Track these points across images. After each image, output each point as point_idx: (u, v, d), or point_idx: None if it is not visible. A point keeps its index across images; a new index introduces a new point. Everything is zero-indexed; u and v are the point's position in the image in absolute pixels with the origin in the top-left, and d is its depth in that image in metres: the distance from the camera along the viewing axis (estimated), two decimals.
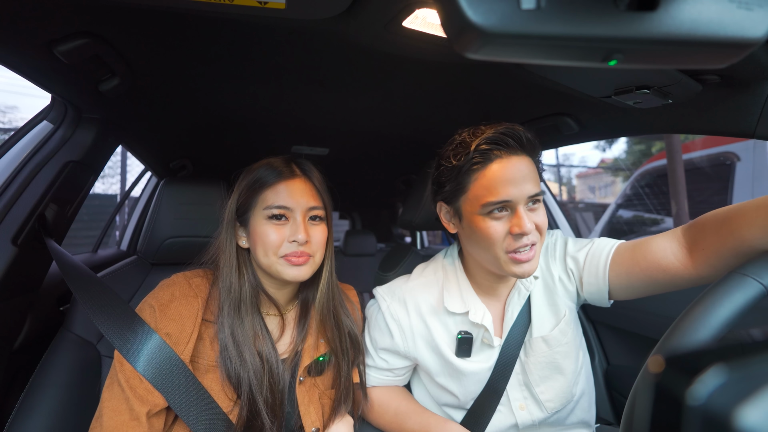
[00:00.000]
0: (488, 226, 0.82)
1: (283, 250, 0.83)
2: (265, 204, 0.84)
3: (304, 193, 0.86)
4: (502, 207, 0.82)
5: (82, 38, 0.75)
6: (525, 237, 0.80)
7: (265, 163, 0.89)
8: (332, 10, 0.67)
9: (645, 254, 0.83)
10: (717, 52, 0.29)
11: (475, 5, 0.25)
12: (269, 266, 0.85)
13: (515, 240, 0.81)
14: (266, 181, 0.86)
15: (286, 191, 0.85)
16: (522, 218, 0.80)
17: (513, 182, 0.80)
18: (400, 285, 1.03)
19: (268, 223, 0.84)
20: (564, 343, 0.93)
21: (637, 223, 5.22)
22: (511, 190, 0.80)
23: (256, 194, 0.86)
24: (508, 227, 0.81)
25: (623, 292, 0.89)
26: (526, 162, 0.83)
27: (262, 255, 0.84)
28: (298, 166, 0.90)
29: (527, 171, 0.82)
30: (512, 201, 0.81)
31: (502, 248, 0.82)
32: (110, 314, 0.82)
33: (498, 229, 0.82)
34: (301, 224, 0.84)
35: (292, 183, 0.86)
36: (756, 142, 3.33)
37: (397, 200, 3.47)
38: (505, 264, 0.83)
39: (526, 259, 0.82)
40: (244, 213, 0.87)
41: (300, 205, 0.85)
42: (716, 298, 0.54)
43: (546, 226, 0.85)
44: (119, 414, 0.74)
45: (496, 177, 0.81)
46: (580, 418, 0.98)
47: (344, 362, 0.94)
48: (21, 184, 0.96)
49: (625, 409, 0.50)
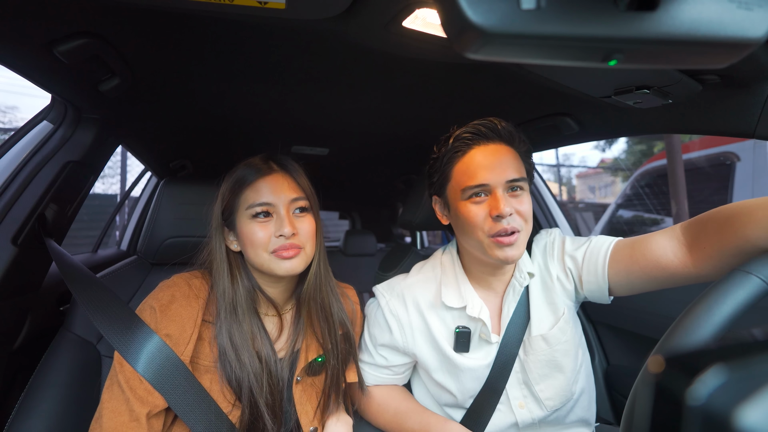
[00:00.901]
0: (469, 210, 0.87)
1: (272, 245, 0.84)
2: (247, 203, 0.85)
3: (284, 187, 0.87)
4: (481, 191, 0.86)
5: (82, 38, 0.75)
6: (504, 220, 0.83)
7: (244, 164, 0.89)
8: (332, 10, 0.67)
9: (644, 252, 0.84)
10: (717, 52, 0.29)
11: (475, 5, 0.25)
12: (262, 264, 0.85)
13: (495, 223, 0.84)
14: (245, 180, 0.86)
15: (266, 187, 0.85)
16: (499, 200, 0.83)
17: (490, 167, 0.85)
18: (399, 281, 1.04)
19: (252, 222, 0.84)
20: (563, 341, 0.93)
21: (637, 223, 5.22)
22: (488, 174, 0.84)
23: (237, 195, 0.86)
24: (488, 211, 0.85)
25: (623, 289, 0.89)
26: (504, 150, 0.87)
27: (253, 254, 0.85)
28: (275, 161, 0.91)
29: (505, 157, 0.86)
30: (489, 185, 0.85)
31: (483, 231, 0.85)
32: (110, 315, 0.82)
33: (478, 212, 0.86)
34: (286, 218, 0.84)
35: (271, 179, 0.87)
36: (756, 142, 3.34)
37: (397, 200, 3.46)
38: (489, 248, 0.86)
39: (508, 242, 0.83)
40: (229, 216, 0.88)
41: (281, 199, 0.85)
42: (719, 296, 0.54)
43: (530, 215, 0.87)
44: (119, 415, 0.74)
45: (473, 162, 0.87)
46: (580, 417, 0.98)
47: (333, 357, 0.93)
48: (21, 184, 0.96)
49: (625, 409, 0.50)
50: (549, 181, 12.70)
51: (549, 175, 14.05)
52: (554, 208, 1.83)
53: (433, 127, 1.42)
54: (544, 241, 1.02)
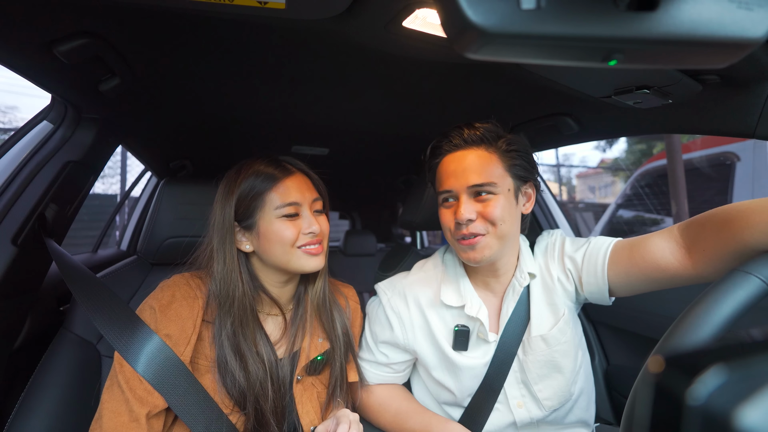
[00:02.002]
0: (442, 214, 0.92)
1: (300, 241, 0.86)
2: (275, 205, 0.86)
3: (307, 187, 0.90)
4: (449, 196, 0.90)
5: (83, 38, 0.75)
6: (463, 226, 0.86)
7: (255, 169, 0.88)
8: (332, 10, 0.67)
9: (643, 254, 0.84)
10: (717, 52, 0.29)
11: (475, 5, 0.25)
12: (288, 262, 0.86)
13: (456, 228, 0.88)
14: (267, 183, 0.87)
15: (293, 187, 0.88)
16: (460, 206, 0.86)
17: (454, 174, 0.88)
18: (401, 279, 1.05)
19: (281, 221, 0.86)
20: (563, 342, 0.93)
21: (637, 223, 5.22)
22: (452, 181, 0.88)
23: (258, 199, 0.86)
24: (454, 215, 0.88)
25: (624, 290, 0.90)
26: (474, 155, 0.88)
27: (281, 252, 0.86)
28: (289, 163, 0.93)
29: (473, 163, 0.87)
30: (453, 191, 0.88)
31: (452, 234, 0.90)
32: (110, 315, 0.82)
33: (446, 217, 0.91)
34: (311, 216, 0.88)
35: (295, 179, 0.89)
36: (756, 142, 3.33)
37: (397, 200, 3.46)
38: (458, 250, 0.91)
39: (468, 244, 0.87)
40: (248, 218, 0.87)
41: (306, 198, 0.89)
42: (719, 296, 0.54)
43: (497, 218, 0.85)
44: (119, 415, 0.74)
45: (442, 170, 0.92)
46: (579, 417, 0.98)
47: (338, 350, 0.95)
48: (21, 184, 0.96)
49: (625, 409, 0.50)
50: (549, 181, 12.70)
51: (549, 175, 14.06)
52: (555, 210, 1.83)
53: (433, 127, 1.42)
54: (546, 242, 1.03)
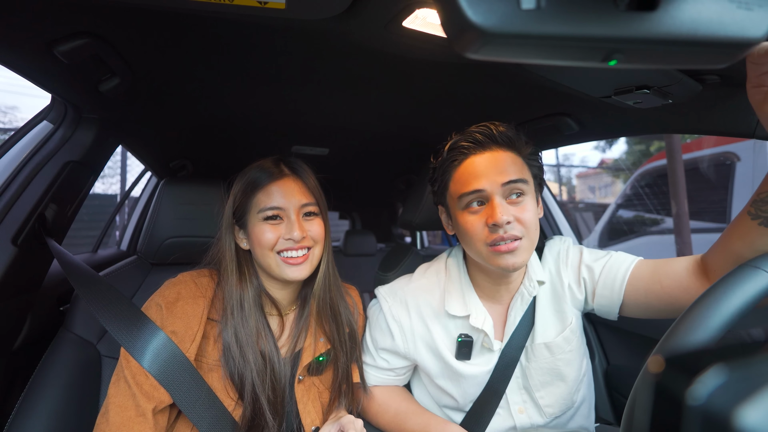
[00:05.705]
0: (467, 220, 0.84)
1: (279, 246, 0.85)
2: (259, 207, 0.86)
3: (295, 192, 0.88)
4: (478, 200, 0.83)
5: (82, 38, 0.75)
6: (501, 229, 0.79)
7: (256, 166, 0.90)
8: (332, 10, 0.67)
9: (667, 272, 0.83)
10: (717, 52, 0.29)
11: (475, 5, 0.25)
12: (269, 266, 0.86)
13: (491, 231, 0.80)
14: (258, 183, 0.87)
15: (277, 192, 0.86)
16: (495, 208, 0.80)
17: (484, 174, 0.82)
18: (402, 286, 1.02)
19: (263, 224, 0.86)
20: (567, 350, 0.92)
21: (637, 223, 5.22)
22: (483, 181, 0.82)
23: (249, 197, 0.87)
24: (485, 220, 0.82)
25: (636, 309, 0.88)
26: (501, 156, 0.84)
27: (261, 255, 0.86)
28: (287, 165, 0.91)
29: (503, 163, 0.83)
30: (485, 191, 0.81)
31: (482, 241, 0.82)
32: (115, 312, 0.82)
33: (475, 222, 0.83)
34: (296, 222, 0.86)
35: (283, 183, 0.88)
36: (756, 142, 3.33)
37: (397, 200, 3.46)
38: (488, 257, 0.83)
39: (506, 249, 0.80)
40: (241, 216, 0.89)
41: (292, 203, 0.87)
42: (728, 289, 0.54)
43: (533, 222, 0.83)
44: (125, 410, 0.74)
45: (468, 170, 0.84)
46: (580, 424, 0.98)
47: (342, 354, 0.94)
48: (21, 184, 0.96)
49: (625, 409, 0.50)
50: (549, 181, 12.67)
51: (549, 175, 14.04)
52: (555, 210, 1.83)
53: (433, 127, 1.42)
54: (558, 248, 1.00)
